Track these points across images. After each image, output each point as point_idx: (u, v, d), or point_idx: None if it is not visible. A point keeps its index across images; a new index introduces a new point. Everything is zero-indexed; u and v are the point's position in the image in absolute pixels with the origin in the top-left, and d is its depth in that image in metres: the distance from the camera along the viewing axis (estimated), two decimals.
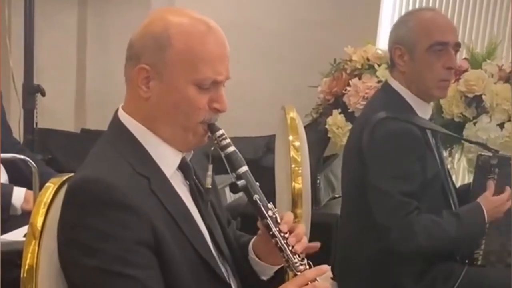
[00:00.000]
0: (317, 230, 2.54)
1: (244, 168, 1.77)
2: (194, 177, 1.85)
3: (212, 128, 1.75)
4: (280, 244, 1.73)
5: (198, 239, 1.74)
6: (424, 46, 2.52)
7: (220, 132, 1.75)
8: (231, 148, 1.76)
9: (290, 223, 1.76)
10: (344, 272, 2.73)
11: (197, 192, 1.83)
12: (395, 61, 2.61)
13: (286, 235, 1.73)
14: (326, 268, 1.72)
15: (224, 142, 1.75)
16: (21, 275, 1.70)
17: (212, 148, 1.76)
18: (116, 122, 1.78)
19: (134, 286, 1.58)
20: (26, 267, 1.69)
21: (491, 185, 2.56)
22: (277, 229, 1.74)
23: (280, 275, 1.93)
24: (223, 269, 1.80)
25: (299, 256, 1.73)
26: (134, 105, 1.75)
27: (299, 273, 1.70)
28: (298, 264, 1.72)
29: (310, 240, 1.81)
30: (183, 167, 1.81)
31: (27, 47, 4.15)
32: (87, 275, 1.59)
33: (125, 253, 1.58)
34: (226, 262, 1.85)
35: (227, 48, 1.74)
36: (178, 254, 1.67)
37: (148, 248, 1.62)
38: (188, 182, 1.82)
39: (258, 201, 1.77)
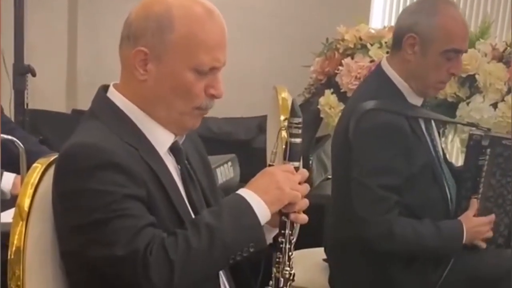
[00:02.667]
0: (310, 211, 2.51)
1: (297, 163, 1.78)
2: (186, 161, 1.84)
3: (294, 112, 1.76)
4: (284, 245, 1.76)
5: (184, 212, 1.73)
6: (440, 48, 2.46)
7: (299, 120, 1.76)
8: (298, 140, 1.77)
9: (303, 178, 1.78)
10: (335, 255, 2.72)
11: (188, 177, 1.82)
12: (403, 47, 2.52)
13: (293, 240, 1.77)
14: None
15: (296, 131, 1.77)
16: (8, 257, 1.69)
17: (283, 128, 1.76)
18: (102, 98, 1.76)
19: (131, 221, 1.57)
20: (14, 248, 1.69)
21: (474, 203, 2.55)
22: (290, 232, 1.76)
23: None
24: None
25: (289, 266, 1.77)
26: (129, 86, 1.73)
27: (286, 272, 1.76)
28: (287, 271, 1.77)
29: None
30: (175, 151, 1.79)
31: (17, 27, 4.11)
32: (83, 232, 1.58)
33: (121, 203, 1.57)
34: None
35: (226, 36, 1.73)
36: (167, 218, 1.67)
37: (142, 202, 1.62)
38: (179, 166, 1.81)
39: None
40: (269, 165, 1.84)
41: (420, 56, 2.50)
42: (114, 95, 1.74)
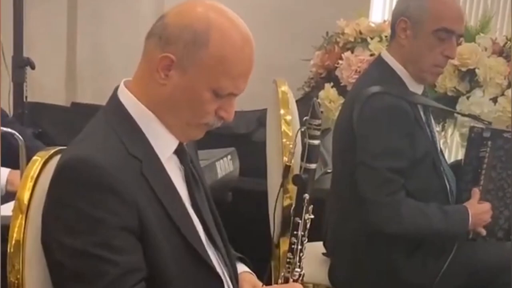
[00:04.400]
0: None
1: (314, 165, 1.80)
2: (190, 163, 1.83)
3: (314, 113, 1.77)
4: (295, 246, 1.80)
5: (186, 225, 1.72)
6: (430, 28, 2.48)
7: (318, 121, 1.77)
8: (317, 142, 1.78)
9: None
10: (335, 248, 2.72)
11: (191, 177, 1.82)
12: (397, 32, 2.57)
13: (305, 242, 1.81)
14: None
15: (315, 133, 1.78)
16: (8, 250, 1.68)
17: (302, 129, 1.77)
18: (114, 100, 1.74)
19: (115, 271, 1.56)
20: (13, 242, 1.68)
21: (476, 192, 2.57)
22: (302, 233, 1.79)
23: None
24: (213, 257, 1.79)
25: (299, 267, 1.82)
26: (144, 84, 1.72)
27: (291, 278, 1.82)
28: (297, 272, 1.82)
29: None
30: (179, 152, 1.79)
31: (16, 20, 4.10)
32: (68, 255, 1.58)
33: (108, 237, 1.57)
34: (218, 249, 1.83)
35: (253, 62, 1.73)
36: (164, 240, 1.65)
37: (132, 233, 1.61)
38: (183, 167, 1.81)
39: (305, 201, 1.80)
40: (286, 166, 1.86)
41: (413, 39, 2.52)
42: (123, 95, 1.73)
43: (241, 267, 1.95)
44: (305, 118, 1.77)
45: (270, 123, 3.04)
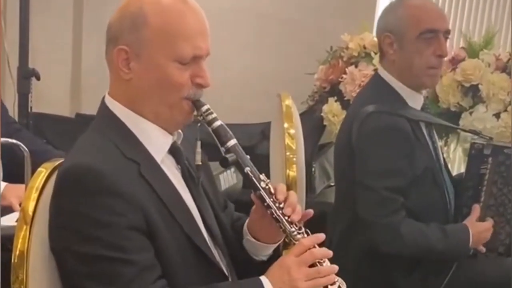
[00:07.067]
0: (312, 218, 2.52)
1: (233, 142, 1.76)
2: (186, 161, 1.84)
3: (197, 104, 1.74)
4: (275, 214, 1.73)
5: (188, 223, 1.73)
6: (414, 34, 2.49)
7: (206, 107, 1.74)
8: (218, 122, 1.75)
9: (284, 193, 1.76)
10: (337, 261, 2.72)
11: (188, 176, 1.82)
12: (384, 49, 2.59)
13: (281, 205, 1.73)
14: (322, 236, 1.75)
15: (210, 117, 1.74)
16: (12, 261, 1.69)
17: (199, 125, 1.75)
18: (103, 108, 1.77)
19: (132, 270, 1.58)
20: (17, 252, 1.68)
21: (476, 209, 2.57)
22: (272, 199, 1.74)
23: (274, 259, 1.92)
24: (215, 253, 1.80)
25: (296, 225, 1.73)
26: (118, 88, 1.74)
27: (296, 242, 1.71)
28: (295, 233, 1.73)
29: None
30: (174, 152, 1.80)
31: (22, 31, 4.11)
32: (81, 261, 1.59)
33: (118, 238, 1.58)
34: (218, 245, 1.84)
35: (206, 24, 1.73)
36: (169, 239, 1.67)
37: (141, 232, 1.62)
38: (179, 166, 1.82)
39: (250, 173, 1.75)
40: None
41: (400, 51, 2.54)
42: (109, 102, 1.76)
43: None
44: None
45: (273, 136, 3.05)
